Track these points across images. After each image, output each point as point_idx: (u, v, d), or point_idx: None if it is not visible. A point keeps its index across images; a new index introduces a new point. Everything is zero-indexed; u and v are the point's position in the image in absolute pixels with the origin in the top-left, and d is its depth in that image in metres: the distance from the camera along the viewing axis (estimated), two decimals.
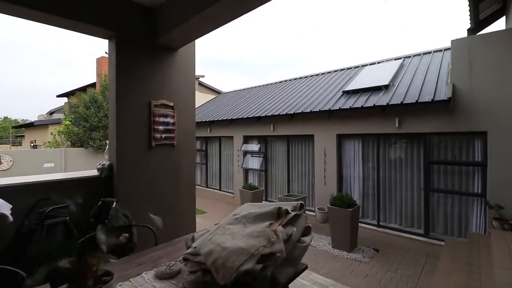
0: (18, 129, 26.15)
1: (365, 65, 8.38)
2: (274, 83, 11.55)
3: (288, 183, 7.57)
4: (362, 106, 5.61)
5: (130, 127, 2.73)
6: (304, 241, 1.43)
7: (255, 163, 8.30)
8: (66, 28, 2.58)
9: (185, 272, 1.29)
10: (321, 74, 9.70)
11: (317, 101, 7.04)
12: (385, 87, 6.04)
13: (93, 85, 16.12)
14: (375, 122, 5.70)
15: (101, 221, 2.46)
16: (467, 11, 4.92)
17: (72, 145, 12.82)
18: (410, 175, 5.43)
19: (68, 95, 19.86)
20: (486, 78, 4.53)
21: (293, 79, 10.75)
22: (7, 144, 27.32)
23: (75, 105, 12.98)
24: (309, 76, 10.08)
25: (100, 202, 2.55)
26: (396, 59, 7.70)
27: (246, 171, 8.67)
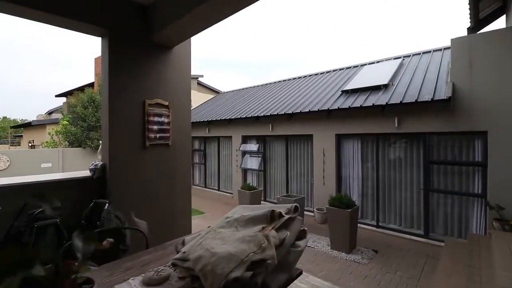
0: (16, 129, 26.06)
1: (364, 64, 8.33)
2: (273, 82, 11.49)
3: (286, 183, 7.52)
4: (361, 105, 5.56)
5: (123, 126, 2.68)
6: (299, 245, 1.37)
7: (253, 163, 8.24)
8: (56, 26, 2.52)
9: (174, 278, 1.23)
10: (320, 74, 9.64)
11: (315, 100, 6.99)
12: (384, 87, 5.99)
13: (91, 85, 16.07)
14: (374, 121, 5.64)
15: (93, 223, 2.41)
16: (467, 10, 4.88)
17: (70, 145, 12.76)
18: (409, 175, 5.38)
19: (66, 95, 19.79)
20: (487, 77, 4.48)
21: (292, 79, 10.70)
22: (5, 144, 27.23)
23: (73, 105, 12.91)
24: (308, 76, 10.02)
25: (92, 203, 2.50)
26: (395, 58, 7.66)
27: (245, 171, 8.61)
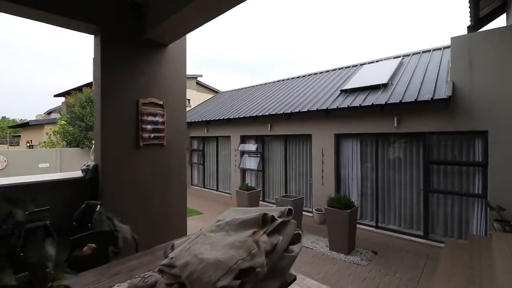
0: (15, 129, 25.97)
1: (363, 63, 8.27)
2: (272, 82, 11.43)
3: (285, 183, 7.46)
4: (360, 105, 5.50)
5: (116, 126, 2.62)
6: (292, 250, 1.30)
7: (252, 163, 8.18)
8: (47, 23, 2.46)
9: (161, 284, 1.16)
10: (319, 73, 9.58)
11: (314, 100, 6.93)
12: (383, 86, 5.93)
13: (89, 85, 15.96)
14: (373, 121, 5.59)
15: (84, 225, 2.35)
16: (467, 8, 4.82)
17: (68, 145, 12.69)
18: (409, 175, 5.32)
19: (65, 94, 19.70)
20: (487, 76, 4.42)
21: (291, 78, 10.64)
22: (4, 144, 27.15)
23: (71, 105, 12.84)
24: (307, 75, 9.96)
25: (84, 205, 2.44)
26: (395, 57, 7.60)
27: (243, 171, 8.55)
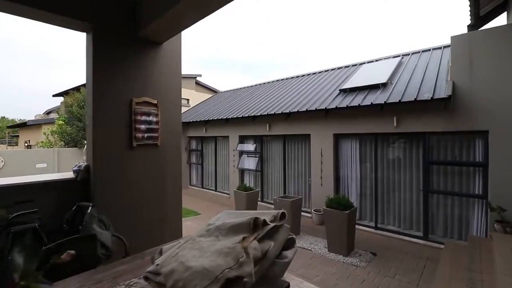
0: (13, 129, 25.89)
1: (362, 63, 8.22)
2: (270, 82, 11.37)
3: (284, 183, 7.40)
4: (359, 104, 5.44)
5: (108, 126, 2.56)
6: (286, 256, 1.22)
7: (250, 163, 8.12)
8: (38, 20, 2.40)
9: None
10: (318, 73, 9.53)
11: (313, 99, 6.87)
12: (383, 85, 5.87)
13: None
14: (372, 121, 5.53)
15: (75, 227, 2.29)
16: (468, 7, 4.77)
17: (66, 145, 12.61)
18: (408, 175, 5.27)
19: (63, 94, 19.63)
20: (488, 75, 4.36)
21: (289, 78, 10.58)
22: (3, 144, 27.06)
23: (68, 104, 12.77)
24: (306, 75, 9.90)
25: (75, 206, 2.37)
26: (394, 56, 7.55)
27: (242, 171, 8.49)
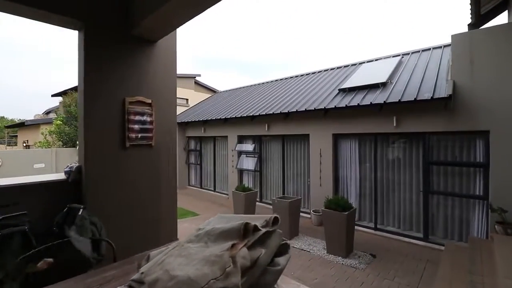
0: (12, 129, 25.82)
1: (362, 62, 8.16)
2: (269, 81, 11.31)
3: (283, 184, 7.34)
4: (358, 104, 5.38)
5: (101, 126, 2.50)
6: (278, 264, 1.15)
7: (249, 163, 8.06)
8: (28, 18, 2.34)
9: None
10: (317, 72, 9.47)
11: (312, 99, 6.81)
12: (382, 85, 5.81)
13: None
14: (372, 121, 5.47)
15: (65, 230, 2.23)
16: (468, 5, 4.71)
17: (64, 145, 12.55)
18: (408, 176, 5.21)
19: (62, 94, 19.56)
20: (489, 74, 4.30)
21: (288, 78, 10.52)
22: (2, 144, 26.98)
23: (67, 104, 12.71)
24: (305, 75, 9.84)
25: (66, 208, 2.31)
26: (394, 56, 7.49)
27: (241, 171, 8.43)
